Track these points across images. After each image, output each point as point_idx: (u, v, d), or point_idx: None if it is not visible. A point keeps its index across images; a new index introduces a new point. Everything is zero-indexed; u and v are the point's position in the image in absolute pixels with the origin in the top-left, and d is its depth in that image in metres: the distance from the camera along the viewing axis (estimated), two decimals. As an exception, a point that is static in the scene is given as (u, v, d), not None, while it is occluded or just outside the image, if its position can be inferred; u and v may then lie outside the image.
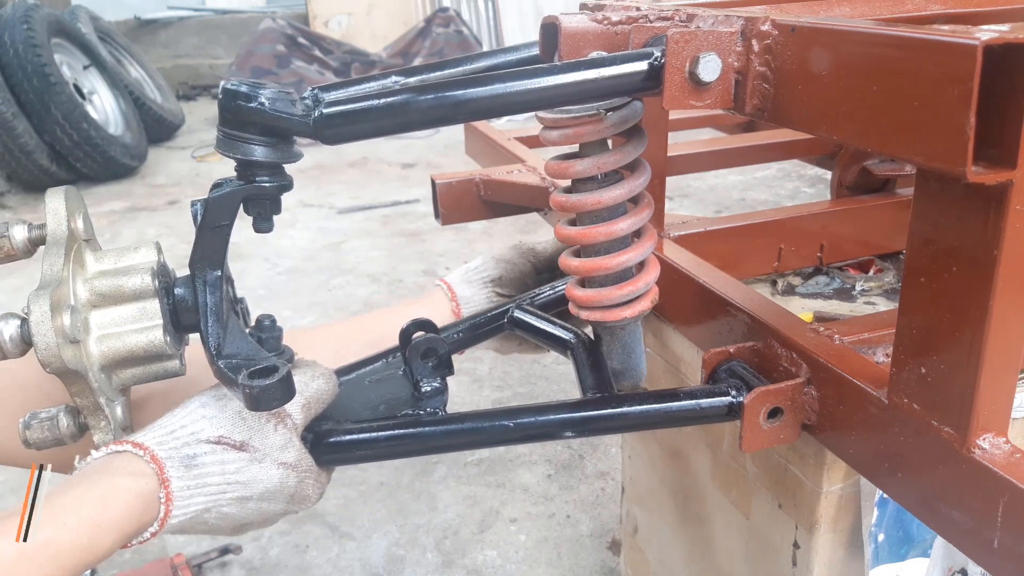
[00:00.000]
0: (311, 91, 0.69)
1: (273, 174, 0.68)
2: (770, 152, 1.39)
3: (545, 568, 1.69)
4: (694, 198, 3.85)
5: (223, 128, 0.66)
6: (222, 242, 0.72)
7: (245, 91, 0.64)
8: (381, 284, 3.09)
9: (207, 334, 0.71)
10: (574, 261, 0.76)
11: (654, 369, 1.09)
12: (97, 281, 0.69)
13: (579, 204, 0.73)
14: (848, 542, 0.81)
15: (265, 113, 0.64)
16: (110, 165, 4.63)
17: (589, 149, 0.73)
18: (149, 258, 0.73)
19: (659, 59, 0.63)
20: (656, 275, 0.77)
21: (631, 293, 0.75)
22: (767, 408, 0.70)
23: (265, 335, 0.78)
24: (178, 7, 7.42)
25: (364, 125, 0.65)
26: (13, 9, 4.42)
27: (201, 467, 0.68)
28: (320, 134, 0.65)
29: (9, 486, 1.98)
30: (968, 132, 0.45)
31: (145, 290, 0.70)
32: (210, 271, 0.72)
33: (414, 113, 0.64)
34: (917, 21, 0.74)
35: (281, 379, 0.65)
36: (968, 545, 0.57)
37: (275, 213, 0.72)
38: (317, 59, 5.90)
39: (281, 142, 0.67)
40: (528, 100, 0.64)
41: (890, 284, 1.10)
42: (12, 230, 0.69)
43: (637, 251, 0.75)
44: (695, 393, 0.75)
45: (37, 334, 0.61)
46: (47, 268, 0.65)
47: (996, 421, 0.55)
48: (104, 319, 0.69)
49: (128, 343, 0.69)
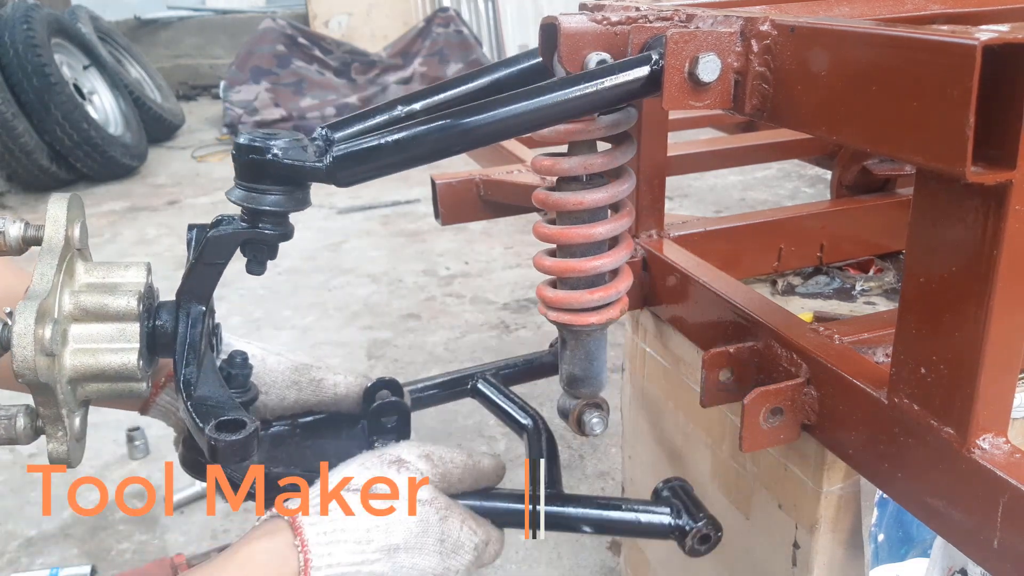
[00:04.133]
0: (321, 131, 0.71)
1: (277, 223, 0.70)
2: (770, 152, 1.39)
3: (545, 568, 1.69)
4: (694, 198, 3.85)
5: (240, 181, 0.68)
6: (213, 279, 0.73)
7: (258, 144, 0.65)
8: (381, 284, 3.09)
9: (180, 368, 0.72)
10: (548, 260, 0.76)
11: (654, 370, 1.09)
12: (83, 295, 0.70)
13: (561, 202, 0.74)
14: (848, 542, 0.81)
15: (280, 164, 0.65)
16: (110, 165, 4.62)
17: (578, 149, 0.73)
18: (138, 279, 0.73)
19: (658, 62, 0.63)
20: (628, 285, 0.77)
21: (601, 299, 0.75)
22: (767, 408, 0.70)
23: (235, 371, 0.79)
24: (178, 7, 7.41)
25: (377, 164, 0.66)
26: (13, 9, 4.42)
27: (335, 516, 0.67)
28: (334, 177, 0.66)
29: (9, 486, 1.98)
30: (968, 132, 0.45)
31: (129, 312, 0.70)
32: (195, 305, 0.73)
33: (426, 147, 0.65)
34: (917, 21, 0.74)
35: (247, 436, 0.65)
36: (968, 545, 0.57)
37: (270, 258, 0.73)
38: (317, 59, 5.89)
39: (296, 190, 0.68)
40: (533, 120, 0.65)
41: (890, 284, 1.10)
42: (9, 227, 0.69)
43: (612, 257, 0.75)
44: (637, 508, 0.78)
45: (17, 345, 0.61)
46: (38, 276, 0.66)
47: (996, 421, 0.55)
48: (82, 333, 0.69)
49: (101, 361, 0.69)
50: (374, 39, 6.75)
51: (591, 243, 0.74)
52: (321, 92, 5.68)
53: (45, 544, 1.78)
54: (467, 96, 0.78)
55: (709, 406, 0.77)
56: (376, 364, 2.46)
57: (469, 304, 2.87)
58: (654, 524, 0.77)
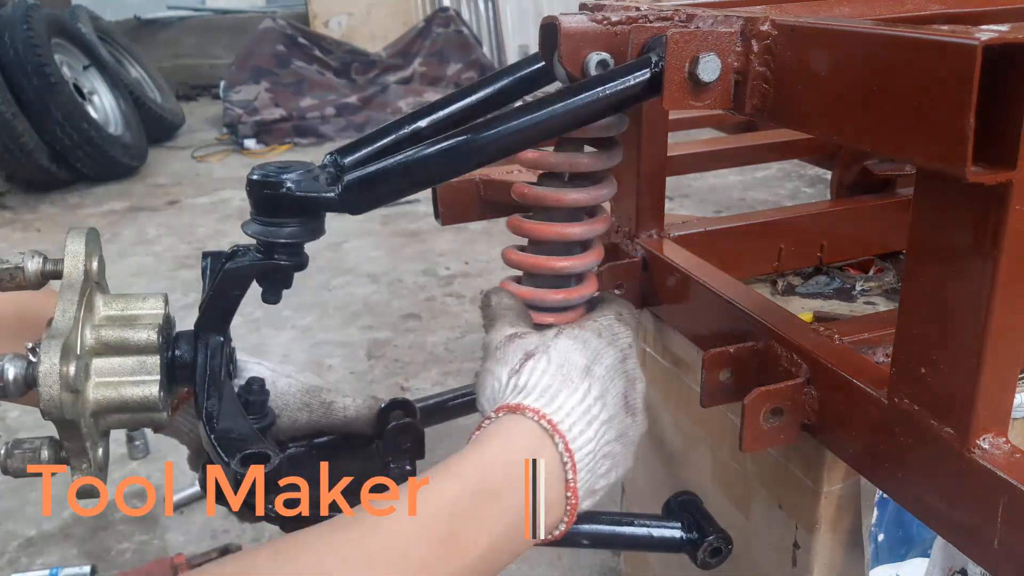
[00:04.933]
0: (329, 157, 0.72)
1: (292, 253, 0.71)
2: (770, 152, 1.39)
3: (545, 568, 1.69)
4: (694, 198, 3.85)
5: (257, 216, 0.69)
6: (231, 310, 0.74)
7: (272, 179, 0.67)
8: (381, 284, 3.09)
9: (202, 401, 0.73)
10: (516, 254, 0.76)
11: (654, 370, 1.09)
12: (104, 330, 0.71)
13: (541, 197, 0.74)
14: (848, 542, 0.81)
15: (294, 197, 0.67)
16: (110, 165, 4.62)
17: (565, 146, 0.73)
18: (156, 310, 0.73)
19: (658, 64, 0.63)
20: (592, 292, 0.77)
21: (563, 301, 0.75)
22: (767, 408, 0.70)
23: (252, 398, 0.80)
24: (178, 7, 7.41)
25: (389, 189, 0.67)
26: (13, 9, 4.41)
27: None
28: (348, 206, 0.67)
29: (9, 486, 1.98)
30: (968, 132, 0.45)
31: (149, 345, 0.71)
32: (214, 336, 0.74)
33: (436, 169, 0.67)
34: (917, 21, 0.74)
35: (273, 470, 0.66)
36: (968, 545, 0.57)
37: (285, 288, 0.74)
38: (317, 59, 5.89)
39: (310, 220, 0.70)
40: (539, 134, 0.66)
41: (890, 284, 1.10)
42: (27, 261, 0.70)
43: (580, 261, 0.75)
44: (649, 523, 0.79)
45: (44, 385, 0.62)
46: (60, 313, 0.66)
47: (996, 421, 0.55)
48: (104, 367, 0.70)
49: (123, 394, 0.70)
50: (374, 39, 6.75)
51: (563, 243, 0.74)
52: (321, 92, 5.68)
53: (45, 544, 1.78)
54: (473, 108, 0.79)
55: (709, 406, 0.77)
56: (376, 364, 2.46)
57: (469, 304, 2.87)
58: (666, 539, 0.78)
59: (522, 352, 0.68)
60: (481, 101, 0.80)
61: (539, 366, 0.67)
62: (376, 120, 5.54)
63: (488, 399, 0.69)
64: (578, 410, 0.65)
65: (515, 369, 0.67)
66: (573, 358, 0.68)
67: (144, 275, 3.29)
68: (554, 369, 0.66)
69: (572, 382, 0.66)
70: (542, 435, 0.63)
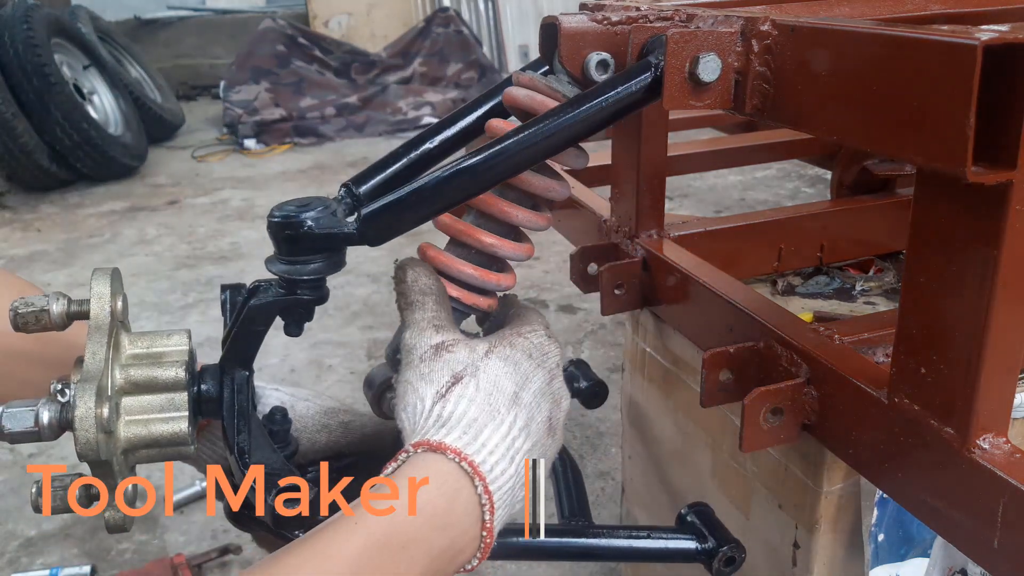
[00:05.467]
0: (344, 188, 0.74)
1: (314, 288, 0.72)
2: (770, 152, 1.39)
3: (546, 568, 1.69)
4: (694, 198, 3.85)
5: (282, 256, 0.70)
6: (255, 345, 0.75)
7: (292, 219, 0.68)
8: (381, 284, 3.09)
9: (233, 437, 0.74)
10: (448, 218, 0.74)
11: (654, 369, 1.09)
12: (132, 369, 0.72)
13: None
14: (848, 542, 0.81)
15: (314, 235, 0.68)
16: (110, 165, 4.62)
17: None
18: (181, 346, 0.75)
19: (659, 67, 0.63)
20: (509, 285, 0.75)
21: (479, 281, 0.73)
22: (767, 408, 0.70)
23: (276, 427, 0.81)
24: (178, 7, 7.41)
25: (406, 219, 0.68)
26: (13, 9, 4.41)
27: None
28: (367, 239, 0.69)
29: (9, 486, 1.98)
30: (968, 132, 0.45)
31: (177, 383, 0.73)
32: (239, 371, 0.76)
33: (451, 193, 0.67)
34: (917, 21, 0.74)
35: (308, 504, 0.68)
36: (968, 545, 0.57)
37: (307, 320, 0.76)
38: (317, 59, 5.89)
39: (332, 254, 0.71)
40: (550, 147, 0.66)
41: (890, 284, 1.10)
42: (52, 304, 0.72)
43: (511, 247, 0.73)
44: (664, 535, 0.79)
45: (80, 428, 0.63)
46: (90, 356, 0.68)
47: (996, 421, 0.55)
48: (134, 405, 0.72)
49: (153, 431, 0.72)
50: (374, 39, 6.76)
51: (500, 221, 0.72)
52: (321, 92, 5.68)
53: (45, 544, 1.78)
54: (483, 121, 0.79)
55: (709, 406, 0.77)
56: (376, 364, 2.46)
57: (469, 304, 2.86)
58: (681, 550, 0.79)
59: (450, 373, 0.66)
60: (491, 111, 0.80)
61: (467, 393, 0.65)
62: (376, 120, 5.54)
63: (409, 420, 0.66)
64: (501, 447, 0.63)
65: (441, 393, 0.65)
66: (502, 384, 0.66)
67: (144, 275, 3.29)
68: (482, 398, 0.64)
69: (499, 413, 0.64)
70: (461, 477, 0.61)
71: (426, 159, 0.77)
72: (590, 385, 0.93)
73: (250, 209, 4.04)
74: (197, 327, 2.73)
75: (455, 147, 0.79)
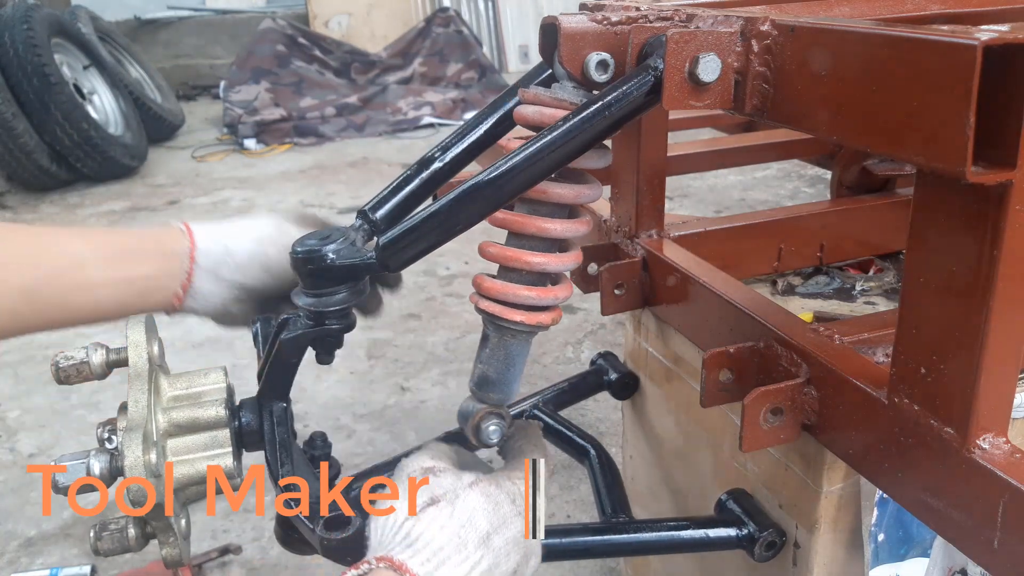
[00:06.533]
0: (360, 216, 0.76)
1: (341, 317, 0.74)
2: (770, 152, 1.39)
3: (546, 568, 1.69)
4: (694, 198, 3.85)
5: (307, 290, 0.73)
6: (290, 377, 0.78)
7: (315, 254, 0.71)
8: (381, 284, 3.09)
9: (275, 468, 0.76)
10: (494, 247, 0.73)
11: (655, 369, 1.09)
12: (174, 412, 0.75)
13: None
14: (848, 542, 0.81)
15: (336, 267, 0.71)
16: (110, 165, 4.62)
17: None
18: (218, 383, 0.78)
19: (659, 70, 0.63)
20: (566, 296, 0.75)
21: (537, 299, 0.72)
22: (767, 408, 0.70)
23: (318, 453, 0.83)
24: (178, 7, 7.41)
25: (423, 245, 0.70)
26: (13, 9, 4.41)
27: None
28: (387, 266, 0.70)
29: (9, 486, 1.98)
30: (968, 132, 0.45)
31: (219, 421, 0.75)
32: (277, 403, 0.78)
33: (466, 213, 0.68)
34: (917, 21, 0.74)
35: (355, 532, 0.68)
36: (968, 545, 0.57)
37: (338, 348, 0.78)
38: (317, 59, 5.89)
39: (355, 283, 0.73)
40: (560, 158, 0.66)
41: (890, 284, 1.10)
42: (92, 355, 0.75)
43: (558, 260, 0.72)
44: (705, 524, 0.82)
45: (130, 476, 0.66)
46: (133, 404, 0.70)
47: (996, 421, 0.55)
48: (179, 446, 0.75)
49: (200, 469, 0.74)
50: (374, 39, 6.75)
51: (542, 238, 0.72)
52: (321, 92, 5.68)
53: (45, 544, 1.78)
54: (490, 134, 0.79)
55: (709, 406, 0.77)
56: (376, 364, 2.46)
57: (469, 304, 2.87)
58: (723, 538, 0.80)
59: (429, 495, 0.67)
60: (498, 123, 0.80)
61: (439, 517, 0.65)
62: (376, 120, 5.54)
63: (378, 530, 0.67)
64: None
65: (415, 511, 0.66)
66: (477, 520, 0.66)
67: (144, 275, 3.28)
68: (454, 527, 0.65)
69: (465, 550, 0.65)
70: None
71: (437, 177, 0.79)
72: (620, 376, 0.99)
73: (250, 209, 4.04)
74: (197, 327, 2.73)
75: (464, 163, 0.80)
